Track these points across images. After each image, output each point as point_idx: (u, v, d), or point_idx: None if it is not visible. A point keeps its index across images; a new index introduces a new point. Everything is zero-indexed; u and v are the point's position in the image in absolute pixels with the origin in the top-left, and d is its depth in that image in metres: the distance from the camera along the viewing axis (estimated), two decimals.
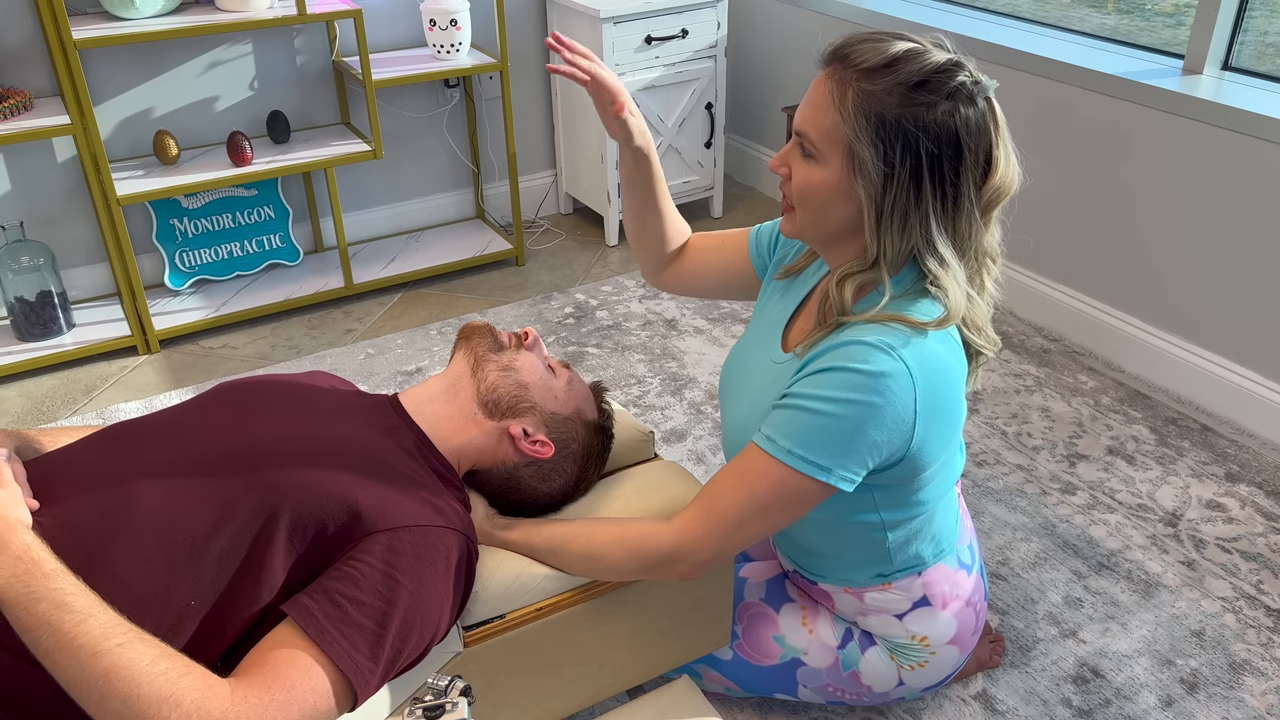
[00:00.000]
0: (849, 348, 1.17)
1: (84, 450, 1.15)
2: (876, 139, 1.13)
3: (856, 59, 1.15)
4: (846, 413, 1.15)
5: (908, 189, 1.14)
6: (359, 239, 3.18)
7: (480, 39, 3.05)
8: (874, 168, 1.14)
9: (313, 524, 1.06)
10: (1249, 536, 1.99)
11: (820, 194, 1.19)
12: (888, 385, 1.14)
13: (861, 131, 1.13)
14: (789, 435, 1.18)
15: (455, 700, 0.97)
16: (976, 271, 1.25)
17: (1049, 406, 2.40)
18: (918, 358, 1.16)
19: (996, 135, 1.16)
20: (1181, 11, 2.57)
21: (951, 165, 1.14)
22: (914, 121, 1.12)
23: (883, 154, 1.13)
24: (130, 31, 2.40)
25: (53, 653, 0.90)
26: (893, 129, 1.12)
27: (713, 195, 3.41)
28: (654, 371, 2.55)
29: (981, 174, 1.17)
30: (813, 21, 3.17)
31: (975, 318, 1.26)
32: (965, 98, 1.13)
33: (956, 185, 1.15)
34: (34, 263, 2.55)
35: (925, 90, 1.12)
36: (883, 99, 1.12)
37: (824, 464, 1.16)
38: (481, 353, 1.32)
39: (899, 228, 1.17)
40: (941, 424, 1.22)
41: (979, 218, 1.19)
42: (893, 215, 1.16)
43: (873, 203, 1.16)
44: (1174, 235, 2.37)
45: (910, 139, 1.12)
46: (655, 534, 1.24)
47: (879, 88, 1.13)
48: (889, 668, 1.48)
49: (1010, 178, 1.19)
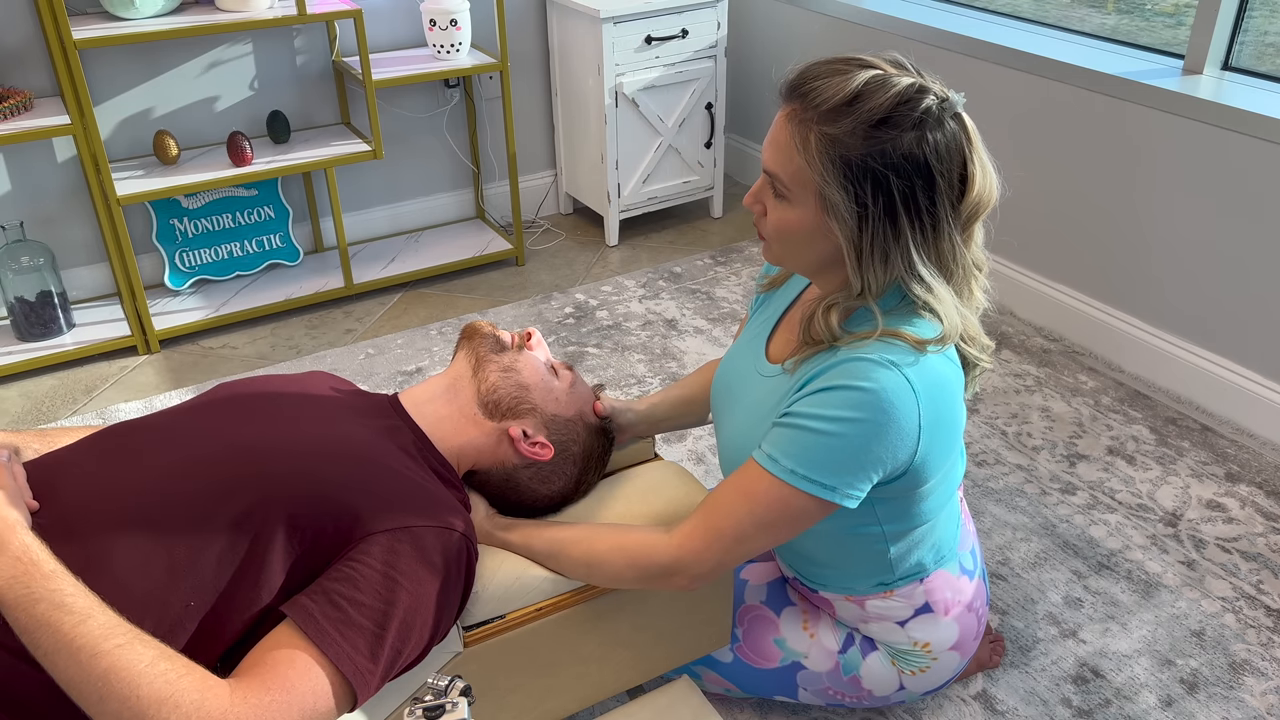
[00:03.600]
0: (850, 365, 1.15)
1: (84, 451, 1.15)
2: (845, 181, 1.11)
3: (816, 98, 1.12)
4: (850, 431, 1.14)
5: (884, 225, 1.13)
6: (359, 239, 3.18)
7: (480, 39, 3.05)
8: (846, 209, 1.12)
9: (312, 524, 1.06)
10: (1249, 536, 1.99)
11: (797, 234, 1.18)
12: (891, 402, 1.13)
13: (829, 175, 1.11)
14: (791, 455, 1.16)
15: (455, 700, 0.97)
16: (964, 284, 1.23)
17: (1049, 406, 2.39)
18: (919, 372, 1.15)
19: (970, 150, 1.14)
20: (1181, 11, 2.57)
21: (926, 194, 1.12)
22: (881, 160, 1.09)
23: (854, 195, 1.11)
24: (130, 31, 2.40)
25: (52, 654, 0.90)
26: (859, 170, 1.10)
27: (713, 195, 3.41)
28: (654, 371, 2.55)
29: (958, 194, 1.15)
30: (813, 21, 3.17)
31: (968, 329, 1.25)
32: (933, 123, 1.11)
33: (934, 213, 1.13)
34: (34, 263, 2.55)
35: (889, 126, 1.10)
36: (846, 142, 1.10)
37: (828, 483, 1.15)
38: (483, 353, 1.32)
39: (880, 262, 1.15)
40: (944, 436, 1.21)
41: (960, 236, 1.18)
42: (873, 252, 1.14)
43: (851, 243, 1.14)
44: (1174, 235, 2.37)
45: (879, 177, 1.10)
46: (655, 545, 1.24)
47: (841, 131, 1.10)
48: (890, 672, 1.48)
49: (988, 189, 1.17)
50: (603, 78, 2.99)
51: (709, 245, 3.26)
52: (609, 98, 3.02)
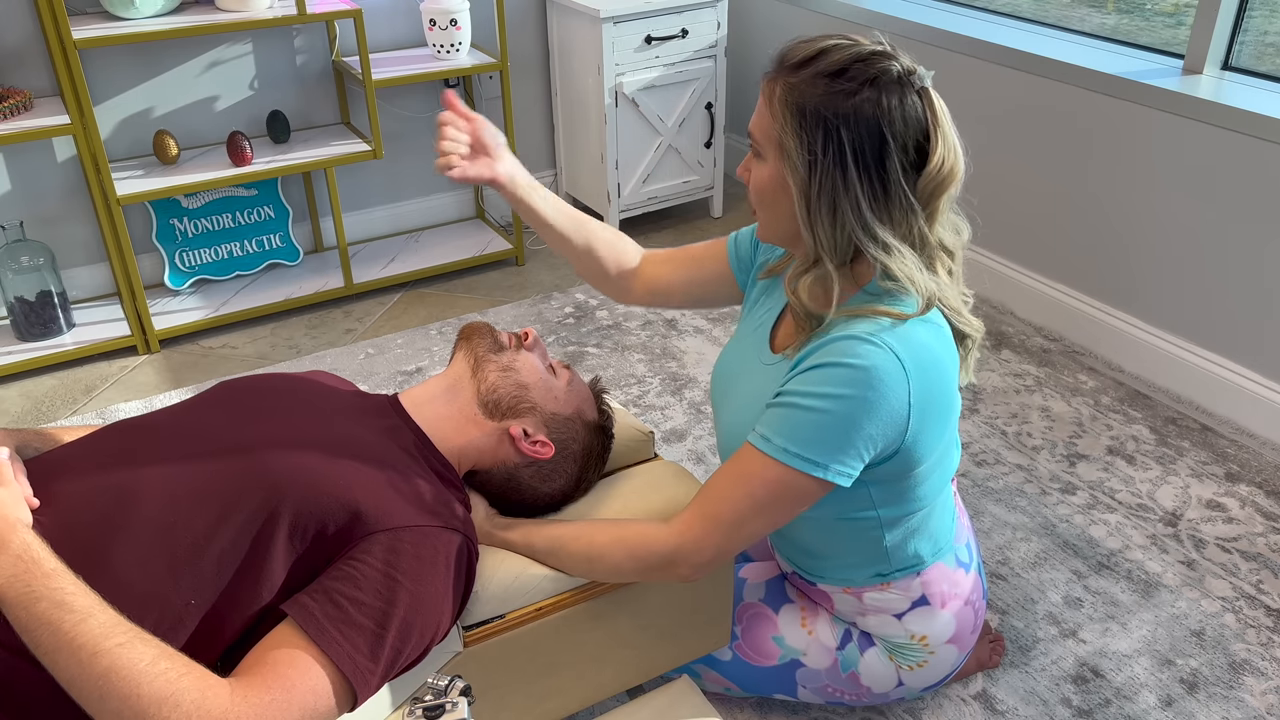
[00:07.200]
0: (839, 343, 1.17)
1: (84, 449, 1.15)
2: (800, 130, 1.14)
3: (788, 58, 1.18)
4: (840, 408, 1.15)
5: (833, 176, 1.15)
6: (359, 239, 3.18)
7: (480, 39, 3.05)
8: (799, 158, 1.15)
9: (313, 524, 1.06)
10: (1249, 536, 1.99)
11: (766, 192, 1.22)
12: (880, 378, 1.15)
13: (788, 124, 1.15)
14: (783, 433, 1.18)
15: (455, 700, 0.97)
16: (929, 264, 1.23)
17: (1049, 406, 2.40)
18: (908, 349, 1.17)
19: (934, 126, 1.15)
20: (1181, 11, 2.57)
21: (874, 153, 1.14)
22: (831, 109, 1.13)
23: (806, 144, 1.14)
24: (130, 31, 2.40)
25: (53, 652, 0.90)
26: (812, 118, 1.14)
27: (713, 195, 3.41)
28: (654, 371, 2.55)
29: (914, 162, 1.16)
30: (813, 21, 3.17)
31: (947, 300, 1.25)
32: (889, 85, 1.14)
33: (883, 173, 1.15)
34: (34, 263, 2.55)
35: (844, 78, 1.14)
36: (803, 90, 1.14)
37: (820, 460, 1.17)
38: (482, 353, 1.32)
39: (829, 215, 1.16)
40: (936, 415, 1.22)
41: (919, 206, 1.18)
42: (820, 202, 1.16)
43: (801, 193, 1.17)
44: (1174, 235, 2.37)
45: (830, 126, 1.13)
46: (654, 535, 1.24)
47: (801, 79, 1.15)
48: (888, 668, 1.48)
49: (950, 168, 1.17)
50: (603, 77, 2.99)
51: None
52: (609, 97, 3.02)
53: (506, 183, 1.40)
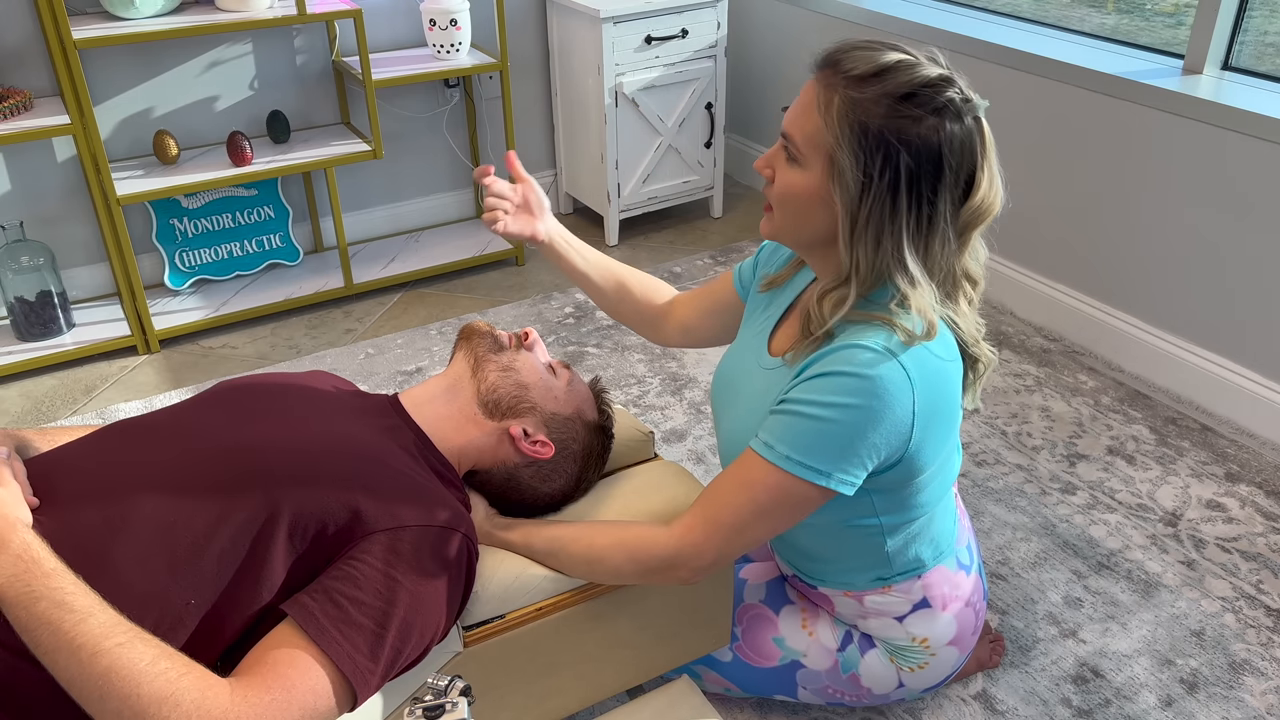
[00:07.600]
0: (845, 352, 1.16)
1: (84, 449, 1.15)
2: (858, 148, 1.11)
3: (847, 65, 1.13)
4: (844, 417, 1.15)
5: (884, 202, 1.13)
6: (359, 239, 3.18)
7: (480, 39, 3.05)
8: (852, 177, 1.12)
9: (313, 523, 1.06)
10: (1249, 536, 1.99)
11: (799, 199, 1.18)
12: (885, 388, 1.14)
13: (844, 139, 1.12)
14: (787, 441, 1.17)
15: (455, 700, 0.97)
16: (952, 293, 1.23)
17: (1049, 406, 2.40)
18: (914, 360, 1.16)
19: (982, 156, 1.15)
20: (1181, 11, 2.57)
21: (930, 182, 1.12)
22: (896, 134, 1.10)
23: (862, 164, 1.11)
24: (130, 31, 2.40)
25: (52, 652, 0.90)
26: (875, 139, 1.11)
27: (713, 195, 3.41)
28: (654, 371, 2.55)
29: (961, 194, 1.15)
30: (813, 21, 3.17)
31: (962, 335, 1.25)
32: (952, 114, 1.12)
33: (934, 203, 1.14)
34: (34, 263, 2.55)
35: (912, 103, 1.11)
36: (868, 108, 1.11)
37: (823, 469, 1.16)
38: (481, 353, 1.32)
39: (872, 241, 1.15)
40: (939, 425, 1.22)
41: (954, 239, 1.17)
42: (867, 228, 1.14)
43: (848, 213, 1.14)
44: (1174, 235, 2.37)
45: (891, 151, 1.11)
46: (655, 538, 1.24)
47: (865, 96, 1.11)
48: (889, 670, 1.48)
49: (992, 200, 1.17)
50: (602, 77, 2.99)
51: (709, 245, 3.26)
52: (609, 97, 3.02)
53: (545, 240, 1.51)
